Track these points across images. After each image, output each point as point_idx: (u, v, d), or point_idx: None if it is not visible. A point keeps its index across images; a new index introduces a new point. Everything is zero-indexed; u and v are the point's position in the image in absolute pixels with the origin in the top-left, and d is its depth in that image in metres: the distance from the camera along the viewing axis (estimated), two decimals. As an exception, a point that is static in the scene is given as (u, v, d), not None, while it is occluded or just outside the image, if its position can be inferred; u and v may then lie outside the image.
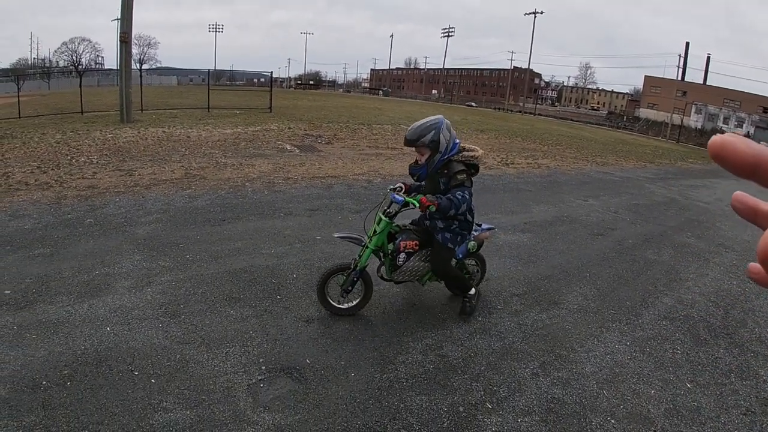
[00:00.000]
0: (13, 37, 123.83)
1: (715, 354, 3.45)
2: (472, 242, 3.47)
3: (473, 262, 3.80)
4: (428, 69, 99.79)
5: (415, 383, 2.72)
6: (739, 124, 46.15)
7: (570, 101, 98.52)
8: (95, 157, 9.26)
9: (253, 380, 2.67)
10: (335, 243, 4.69)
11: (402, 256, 3.22)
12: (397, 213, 3.14)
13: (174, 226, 5.26)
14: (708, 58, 56.59)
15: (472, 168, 3.16)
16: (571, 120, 46.80)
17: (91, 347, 3.01)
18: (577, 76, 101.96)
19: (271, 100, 19.62)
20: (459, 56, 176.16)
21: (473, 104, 63.68)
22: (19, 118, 15.71)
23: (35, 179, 7.36)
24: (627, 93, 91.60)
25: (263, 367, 2.77)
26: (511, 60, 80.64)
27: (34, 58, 71.40)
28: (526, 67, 61.68)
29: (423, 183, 3.29)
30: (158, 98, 19.88)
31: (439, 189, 3.12)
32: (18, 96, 17.93)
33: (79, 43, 64.95)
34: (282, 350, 2.95)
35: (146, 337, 3.09)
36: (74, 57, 63.20)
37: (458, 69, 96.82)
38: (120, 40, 15.26)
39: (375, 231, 3.18)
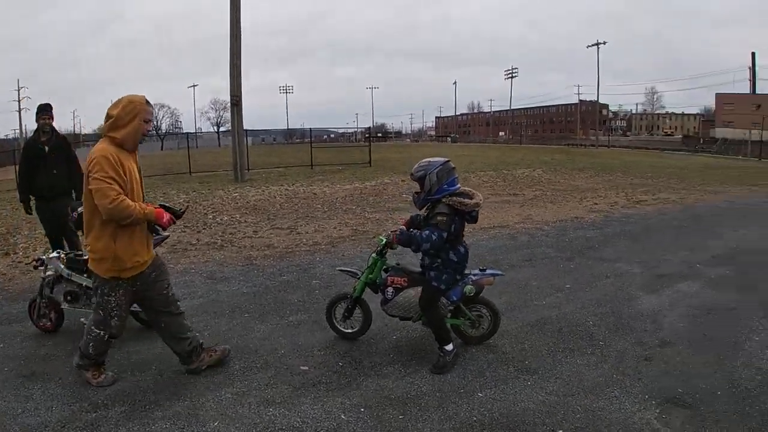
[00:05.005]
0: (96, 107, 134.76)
1: None
2: (469, 286, 3.38)
3: (480, 311, 3.57)
4: (494, 111, 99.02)
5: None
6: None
7: (640, 129, 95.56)
8: (237, 215, 9.44)
9: None
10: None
11: (389, 290, 3.48)
12: (382, 250, 3.53)
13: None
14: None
15: (458, 214, 3.29)
16: (646, 149, 45.28)
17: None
18: (644, 103, 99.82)
19: (370, 154, 21.45)
20: (525, 96, 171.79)
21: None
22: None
23: (196, 239, 7.22)
24: (698, 113, 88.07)
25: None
26: (578, 93, 77.39)
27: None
28: (594, 99, 60.10)
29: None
30: (254, 157, 20.76)
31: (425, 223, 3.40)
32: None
33: (159, 109, 70.29)
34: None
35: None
36: (155, 122, 67.66)
37: (524, 108, 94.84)
38: (231, 103, 16.28)
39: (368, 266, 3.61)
